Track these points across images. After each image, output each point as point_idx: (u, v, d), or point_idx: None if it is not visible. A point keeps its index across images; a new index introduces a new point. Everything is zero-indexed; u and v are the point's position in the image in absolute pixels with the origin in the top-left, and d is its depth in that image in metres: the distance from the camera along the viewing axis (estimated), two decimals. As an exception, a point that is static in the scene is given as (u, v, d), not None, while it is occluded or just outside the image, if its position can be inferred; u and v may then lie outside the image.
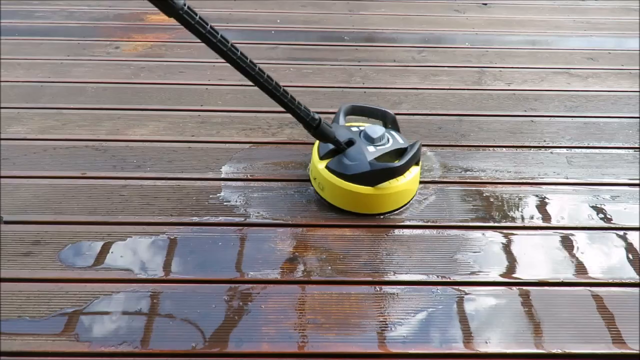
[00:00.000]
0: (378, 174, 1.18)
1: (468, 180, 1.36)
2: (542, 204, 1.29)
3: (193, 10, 0.90)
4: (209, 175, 1.35)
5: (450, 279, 1.08)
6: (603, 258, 1.14)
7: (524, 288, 1.07)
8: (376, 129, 1.25)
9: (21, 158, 1.39)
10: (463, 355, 0.94)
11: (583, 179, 1.38)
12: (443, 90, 1.80)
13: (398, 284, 1.07)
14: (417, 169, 1.26)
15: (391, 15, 2.45)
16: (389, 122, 1.35)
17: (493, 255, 1.14)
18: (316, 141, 1.28)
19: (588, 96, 1.79)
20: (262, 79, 1.04)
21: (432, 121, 1.62)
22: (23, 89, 1.72)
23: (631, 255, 1.15)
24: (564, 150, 1.50)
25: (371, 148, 1.22)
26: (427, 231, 1.20)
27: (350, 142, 1.23)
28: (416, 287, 1.06)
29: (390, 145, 1.24)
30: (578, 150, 1.50)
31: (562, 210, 1.27)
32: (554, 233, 1.21)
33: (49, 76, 1.80)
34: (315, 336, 0.96)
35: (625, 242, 1.18)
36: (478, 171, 1.40)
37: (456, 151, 1.48)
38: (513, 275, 1.10)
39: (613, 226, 1.23)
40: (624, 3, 2.66)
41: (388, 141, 1.25)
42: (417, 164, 1.27)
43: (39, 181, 1.30)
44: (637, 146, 1.52)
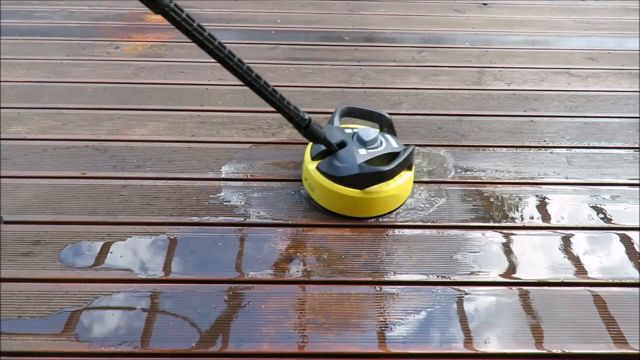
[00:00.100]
0: (367, 177, 1.16)
1: (468, 180, 1.36)
2: (542, 204, 1.29)
3: (180, 7, 0.89)
4: (209, 175, 1.35)
5: (450, 279, 1.08)
6: (603, 258, 1.14)
7: (524, 288, 1.07)
8: (369, 132, 1.23)
9: (21, 158, 1.39)
10: (463, 355, 0.94)
11: (583, 179, 1.38)
12: (443, 90, 1.80)
13: (398, 284, 1.07)
14: (409, 174, 1.24)
15: (391, 15, 2.45)
16: (385, 125, 1.33)
17: (493, 255, 1.14)
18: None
19: (588, 96, 1.79)
20: (250, 77, 1.02)
21: (432, 121, 1.62)
22: (23, 89, 1.72)
23: (631, 255, 1.15)
24: (564, 150, 1.50)
25: (362, 151, 1.20)
26: (427, 231, 1.20)
27: (342, 144, 1.21)
28: (416, 287, 1.06)
29: (383, 148, 1.23)
30: (578, 150, 1.50)
31: (562, 210, 1.27)
32: (554, 233, 1.21)
33: (49, 76, 1.80)
34: (315, 336, 0.96)
35: (625, 242, 1.18)
36: (478, 171, 1.40)
37: (456, 151, 1.48)
38: (513, 275, 1.10)
39: (613, 226, 1.23)
40: (624, 3, 2.66)
41: (381, 144, 1.23)
42: (410, 169, 1.25)
43: (39, 181, 1.30)
44: (637, 146, 1.52)
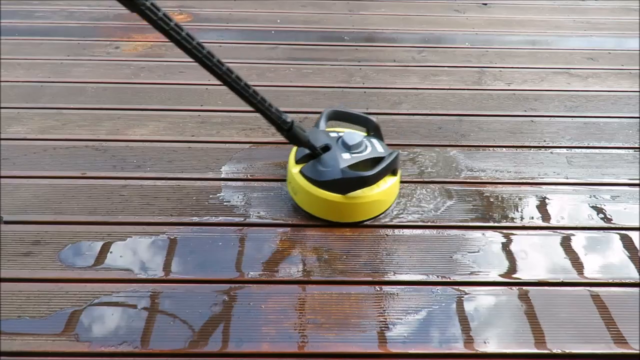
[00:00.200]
0: (349, 182, 1.15)
1: (468, 180, 1.36)
2: (542, 204, 1.29)
3: (156, 6, 0.88)
4: (209, 175, 1.35)
5: (450, 279, 1.08)
6: (603, 258, 1.14)
7: (524, 288, 1.07)
8: (354, 136, 1.22)
9: (21, 158, 1.39)
10: (463, 355, 0.94)
11: (583, 179, 1.38)
12: (443, 90, 1.80)
13: (398, 284, 1.07)
14: (394, 180, 1.23)
15: (391, 15, 2.45)
16: (372, 130, 1.31)
17: (493, 255, 1.14)
18: None
19: (588, 96, 1.79)
20: (230, 78, 1.01)
21: (432, 121, 1.62)
22: (23, 89, 1.72)
23: (631, 255, 1.15)
24: (564, 150, 1.50)
25: (346, 155, 1.18)
26: (427, 231, 1.20)
27: (326, 148, 1.20)
28: (416, 287, 1.06)
29: (367, 153, 1.21)
30: (578, 150, 1.50)
31: (562, 210, 1.27)
32: (554, 233, 1.21)
33: (49, 76, 1.80)
34: (315, 336, 0.96)
35: (625, 242, 1.18)
36: (478, 171, 1.40)
37: (456, 151, 1.48)
38: (513, 275, 1.10)
39: (613, 226, 1.23)
40: (624, 3, 2.66)
41: (366, 149, 1.22)
42: (395, 174, 1.24)
43: (39, 181, 1.30)
44: (637, 146, 1.52)
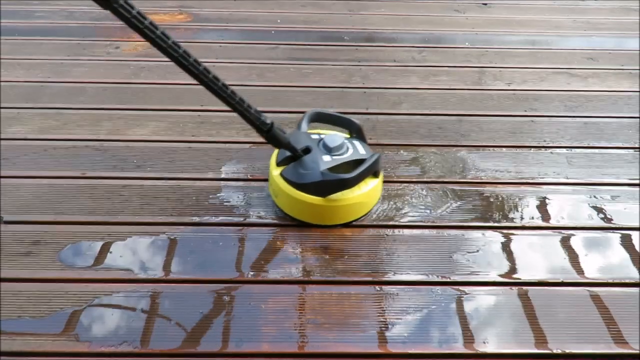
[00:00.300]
0: (329, 185, 1.14)
1: (468, 180, 1.36)
2: (542, 204, 1.29)
3: (130, 4, 0.87)
4: (209, 175, 1.35)
5: (450, 279, 1.08)
6: (603, 258, 1.14)
7: (524, 288, 1.07)
8: (335, 138, 1.20)
9: (21, 158, 1.39)
10: (463, 355, 0.94)
11: (583, 179, 1.38)
12: (443, 90, 1.80)
13: (398, 284, 1.07)
14: (376, 182, 1.22)
15: (391, 15, 2.45)
16: (354, 131, 1.30)
17: (493, 255, 1.14)
18: None
19: (588, 96, 1.79)
20: (207, 78, 1.00)
21: (432, 121, 1.62)
22: (23, 89, 1.72)
23: (631, 255, 1.15)
24: (564, 150, 1.50)
25: (327, 157, 1.18)
26: (427, 231, 1.20)
27: (307, 150, 1.19)
28: (416, 287, 1.06)
29: (348, 155, 1.20)
30: (578, 150, 1.50)
31: (562, 210, 1.27)
32: (554, 233, 1.21)
33: (49, 76, 1.80)
34: (315, 336, 0.96)
35: (625, 242, 1.18)
36: (478, 171, 1.40)
37: (457, 151, 1.48)
38: (513, 275, 1.10)
39: (613, 226, 1.23)
40: (624, 3, 2.66)
41: (347, 151, 1.20)
42: (377, 176, 1.23)
43: (39, 181, 1.30)
44: (637, 146, 1.52)
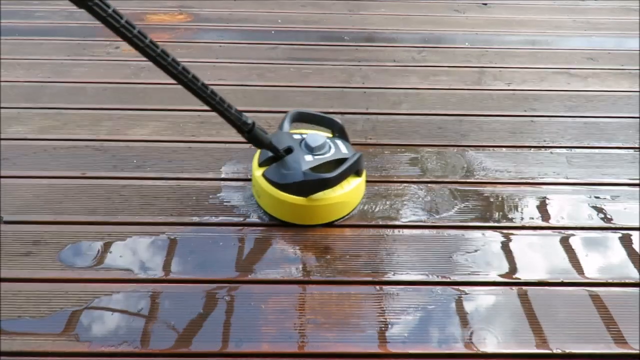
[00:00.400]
0: (310, 185, 1.14)
1: (468, 180, 1.36)
2: (542, 204, 1.29)
3: (106, 2, 0.85)
4: (209, 175, 1.35)
5: (450, 279, 1.08)
6: (603, 258, 1.14)
7: (524, 288, 1.07)
8: (317, 138, 1.20)
9: (21, 158, 1.39)
10: (463, 355, 0.94)
11: (583, 179, 1.38)
12: (443, 90, 1.80)
13: (398, 284, 1.07)
14: (358, 181, 1.22)
15: (391, 15, 2.45)
16: (337, 131, 1.30)
17: (493, 255, 1.14)
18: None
19: (588, 96, 1.79)
20: (186, 78, 0.99)
21: (432, 121, 1.62)
22: (23, 89, 1.72)
23: (631, 255, 1.15)
24: (564, 150, 1.50)
25: (309, 157, 1.17)
26: (427, 231, 1.20)
27: (289, 150, 1.19)
28: (416, 287, 1.06)
29: (330, 155, 1.20)
30: (578, 150, 1.50)
31: (562, 210, 1.27)
32: (554, 233, 1.21)
33: (49, 76, 1.80)
34: (315, 336, 0.96)
35: (625, 242, 1.18)
36: (478, 171, 1.40)
37: (456, 151, 1.48)
38: (513, 275, 1.10)
39: (613, 226, 1.23)
40: (624, 3, 2.66)
41: (329, 150, 1.20)
42: (359, 175, 1.23)
43: (39, 181, 1.30)
44: (637, 146, 1.52)
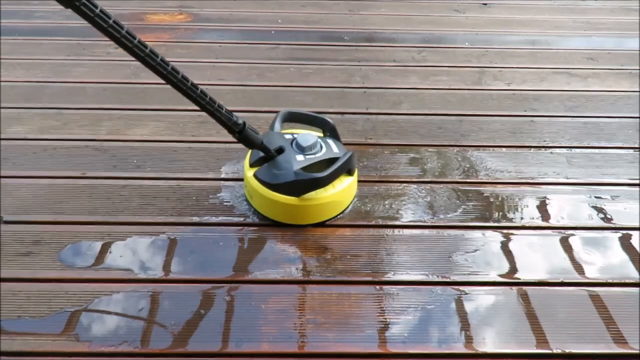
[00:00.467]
0: (302, 184, 1.14)
1: (468, 180, 1.36)
2: (542, 204, 1.29)
3: (93, 2, 0.84)
4: (209, 175, 1.35)
5: (450, 279, 1.08)
6: (603, 258, 1.14)
7: (524, 288, 1.06)
8: (308, 138, 1.20)
9: (21, 158, 1.39)
10: (463, 355, 0.94)
11: (583, 179, 1.38)
12: (443, 90, 1.80)
13: (398, 284, 1.07)
14: (350, 180, 1.22)
15: (391, 15, 2.45)
16: (328, 130, 1.30)
17: (493, 255, 1.14)
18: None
19: (588, 96, 1.79)
20: (176, 78, 0.99)
21: (432, 121, 1.62)
22: (23, 89, 1.72)
23: (631, 255, 1.15)
24: (564, 150, 1.50)
25: (300, 157, 1.17)
26: (427, 231, 1.20)
27: (280, 150, 1.19)
28: (416, 287, 1.06)
29: (322, 154, 1.20)
30: (578, 150, 1.50)
31: (562, 210, 1.27)
32: (554, 233, 1.21)
33: (49, 76, 1.80)
34: (315, 336, 0.96)
35: (625, 242, 1.18)
36: (478, 171, 1.40)
37: (456, 151, 1.48)
38: (513, 275, 1.10)
39: (613, 226, 1.23)
40: (624, 3, 2.66)
41: (320, 150, 1.20)
42: (351, 174, 1.23)
43: (39, 181, 1.30)
44: (637, 146, 1.52)
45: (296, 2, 2.54)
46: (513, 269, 1.11)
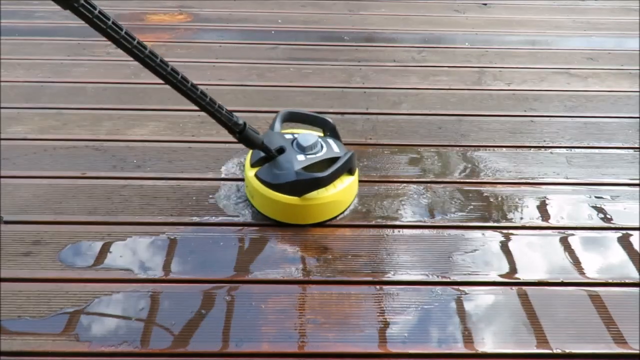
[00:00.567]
0: (303, 184, 1.14)
1: (468, 180, 1.36)
2: (542, 204, 1.29)
3: (92, 3, 0.83)
4: (209, 175, 1.35)
5: (449, 279, 1.08)
6: (603, 258, 1.14)
7: (524, 288, 1.07)
8: (309, 137, 1.20)
9: (21, 158, 1.39)
10: (463, 355, 0.94)
11: (583, 179, 1.38)
12: (443, 90, 1.80)
13: (398, 284, 1.07)
14: (351, 179, 1.22)
15: (391, 15, 2.45)
16: (328, 130, 1.30)
17: (493, 255, 1.14)
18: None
19: (588, 96, 1.79)
20: (175, 79, 0.99)
21: (432, 121, 1.62)
22: (23, 89, 1.72)
23: (631, 255, 1.15)
24: (564, 150, 1.50)
25: (301, 157, 1.17)
26: (427, 231, 1.20)
27: (281, 150, 1.19)
28: (416, 287, 1.06)
29: (322, 154, 1.20)
30: (578, 150, 1.50)
31: (562, 210, 1.27)
32: (554, 233, 1.21)
33: (49, 76, 1.80)
34: (315, 336, 0.96)
35: (624, 242, 1.18)
36: (478, 171, 1.40)
37: (456, 151, 1.48)
38: (513, 275, 1.10)
39: (613, 226, 1.23)
40: (624, 3, 2.66)
41: (321, 149, 1.20)
42: (352, 174, 1.23)
43: (39, 181, 1.30)
44: (637, 146, 1.52)
45: (296, 2, 2.54)
46: (513, 269, 1.11)
